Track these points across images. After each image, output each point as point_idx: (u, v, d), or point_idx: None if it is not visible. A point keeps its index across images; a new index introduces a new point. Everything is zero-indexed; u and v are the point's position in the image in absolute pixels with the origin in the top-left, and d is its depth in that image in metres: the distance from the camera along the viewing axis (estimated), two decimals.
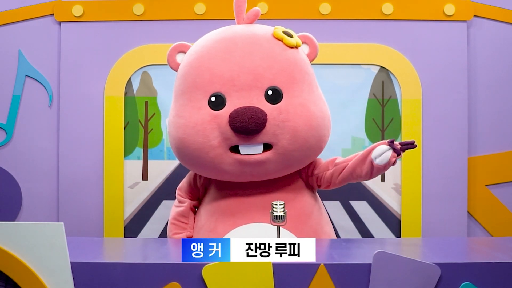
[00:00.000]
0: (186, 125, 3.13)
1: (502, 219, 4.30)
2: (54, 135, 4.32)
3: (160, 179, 4.27)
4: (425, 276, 2.35)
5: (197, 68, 3.17)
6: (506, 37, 4.30)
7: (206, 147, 3.10)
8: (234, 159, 3.11)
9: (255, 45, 3.17)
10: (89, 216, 4.27)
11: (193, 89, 3.15)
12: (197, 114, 3.11)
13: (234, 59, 3.13)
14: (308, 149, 3.19)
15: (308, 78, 3.22)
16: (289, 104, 3.10)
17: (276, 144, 3.10)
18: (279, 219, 2.68)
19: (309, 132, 3.12)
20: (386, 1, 4.25)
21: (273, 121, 3.06)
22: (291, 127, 3.08)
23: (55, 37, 4.33)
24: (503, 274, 2.39)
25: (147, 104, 4.28)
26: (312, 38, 3.34)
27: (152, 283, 2.36)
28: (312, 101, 3.17)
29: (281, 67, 3.14)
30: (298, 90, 3.14)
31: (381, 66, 4.25)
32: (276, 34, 3.22)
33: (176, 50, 3.34)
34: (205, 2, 4.26)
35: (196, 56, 3.21)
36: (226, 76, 3.10)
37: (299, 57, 3.23)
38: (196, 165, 3.26)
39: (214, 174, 3.27)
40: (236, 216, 3.21)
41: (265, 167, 3.15)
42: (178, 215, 3.43)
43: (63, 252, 2.33)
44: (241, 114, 3.01)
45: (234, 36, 3.21)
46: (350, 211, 4.24)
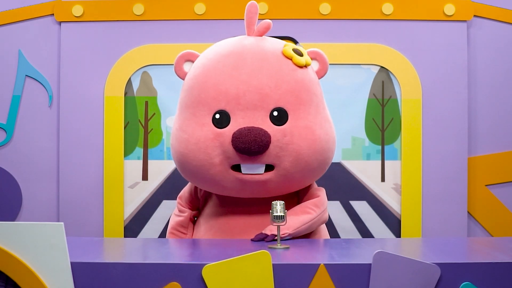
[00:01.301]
0: (188, 140, 3.11)
1: (502, 219, 4.30)
2: (54, 135, 4.32)
3: (160, 179, 4.27)
4: (425, 276, 2.35)
5: (203, 83, 3.13)
6: (506, 37, 4.30)
7: (207, 165, 3.08)
8: (235, 177, 3.10)
9: (264, 62, 3.12)
10: (89, 216, 4.27)
11: (197, 104, 3.12)
12: (201, 130, 3.08)
13: (241, 76, 3.08)
14: (310, 172, 3.17)
15: (316, 99, 3.18)
16: (294, 126, 3.07)
17: (278, 166, 3.08)
18: (279, 219, 2.69)
19: (312, 156, 3.10)
20: (386, 1, 4.25)
21: (277, 143, 3.03)
22: (295, 150, 3.06)
23: (55, 37, 4.32)
24: (503, 274, 2.39)
25: (147, 104, 4.28)
26: (322, 55, 3.29)
27: (152, 283, 2.36)
28: (318, 124, 3.13)
29: (288, 88, 3.09)
30: (305, 112, 3.10)
31: (381, 66, 4.25)
32: (285, 52, 3.16)
33: (184, 58, 3.30)
34: (205, 2, 4.26)
35: (203, 70, 3.17)
36: (231, 94, 3.06)
37: (307, 78, 3.17)
38: (196, 180, 3.25)
39: (215, 190, 3.26)
40: (234, 231, 3.20)
41: (266, 186, 3.13)
42: (177, 225, 3.43)
43: (63, 252, 2.33)
44: (244, 135, 2.98)
45: (243, 52, 3.15)
46: (350, 211, 4.24)
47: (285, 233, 2.99)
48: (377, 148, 4.25)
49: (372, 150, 4.26)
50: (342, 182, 4.23)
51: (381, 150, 4.25)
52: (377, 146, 4.25)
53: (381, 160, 4.25)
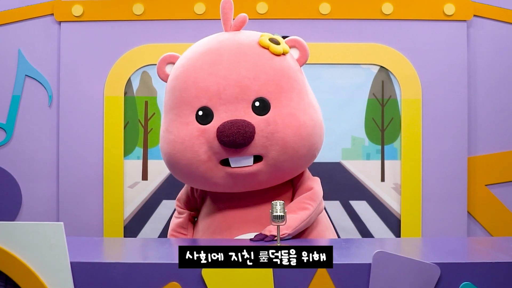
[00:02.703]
0: (175, 141, 3.11)
1: (502, 219, 4.30)
2: (54, 135, 4.32)
3: (160, 178, 4.27)
4: (425, 276, 2.35)
5: (184, 83, 3.14)
6: (506, 36, 4.30)
7: (196, 162, 3.08)
8: (225, 172, 3.09)
9: (241, 55, 3.12)
10: (89, 216, 4.27)
11: (180, 104, 3.13)
12: (185, 129, 3.09)
13: (219, 72, 3.08)
14: (299, 159, 3.15)
15: (297, 86, 3.16)
16: (277, 114, 3.06)
17: (266, 156, 3.07)
18: (279, 219, 2.69)
19: (299, 142, 3.08)
20: (386, 1, 4.25)
21: (262, 133, 3.03)
22: (280, 138, 3.04)
23: (54, 37, 4.32)
24: (503, 274, 2.39)
25: (147, 104, 4.28)
26: (301, 42, 3.27)
27: (151, 283, 2.36)
28: (302, 110, 3.12)
29: (267, 77, 3.09)
30: (287, 100, 3.09)
31: (381, 66, 4.25)
32: (261, 42, 3.16)
33: (165, 61, 3.31)
34: (205, 1, 4.26)
35: (183, 69, 3.18)
36: (212, 90, 3.07)
37: (286, 65, 3.16)
38: (188, 179, 3.25)
39: (207, 187, 3.26)
40: (232, 227, 3.20)
41: (257, 178, 3.12)
42: (177, 227, 3.43)
43: (63, 252, 2.33)
44: (227, 128, 2.98)
45: (220, 47, 3.16)
46: (350, 211, 4.24)
47: (285, 233, 2.98)
48: (377, 148, 4.25)
49: (372, 150, 4.26)
50: (342, 182, 4.23)
51: (381, 150, 4.25)
52: (377, 146, 4.25)
53: (381, 160, 4.25)
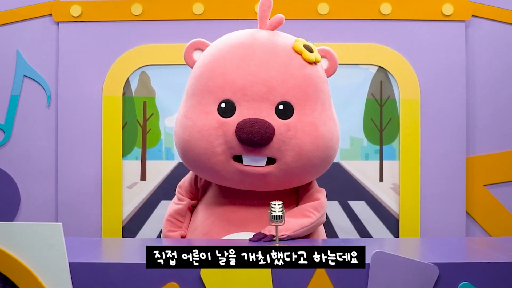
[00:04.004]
0: (192, 127, 3.10)
1: (501, 219, 4.30)
2: (52, 135, 4.32)
3: (159, 179, 4.27)
4: (424, 276, 2.35)
5: (211, 72, 3.12)
6: (504, 37, 4.30)
7: (209, 153, 3.08)
8: (236, 168, 3.09)
9: (273, 55, 3.11)
10: (87, 216, 4.26)
11: (204, 92, 3.12)
12: (205, 118, 3.08)
13: (249, 68, 3.07)
14: (312, 168, 3.16)
15: (322, 96, 3.17)
16: (299, 121, 3.06)
17: (280, 160, 3.07)
18: (277, 219, 2.68)
19: (314, 152, 3.08)
20: (384, 1, 4.25)
21: (280, 137, 3.02)
22: (297, 145, 3.05)
23: (53, 37, 4.32)
24: (502, 274, 2.39)
25: (145, 104, 4.28)
26: (332, 53, 3.28)
27: (150, 283, 2.36)
28: (323, 121, 3.12)
29: (296, 83, 3.08)
30: (310, 108, 3.09)
31: (379, 66, 4.25)
32: (296, 47, 3.15)
33: (193, 47, 3.29)
34: (203, 2, 4.25)
35: (212, 58, 3.17)
36: (238, 84, 3.05)
37: (316, 74, 3.16)
38: (197, 168, 3.25)
39: (215, 179, 3.26)
40: (231, 223, 3.19)
41: (266, 180, 3.12)
42: (175, 213, 3.42)
43: (61, 253, 2.33)
44: (248, 126, 2.97)
45: (253, 44, 3.15)
46: (349, 211, 4.24)
47: (284, 234, 2.98)
48: (375, 148, 4.25)
49: (370, 150, 4.26)
50: (341, 182, 4.23)
51: (379, 150, 4.25)
52: (376, 146, 4.25)
53: (380, 160, 4.25)
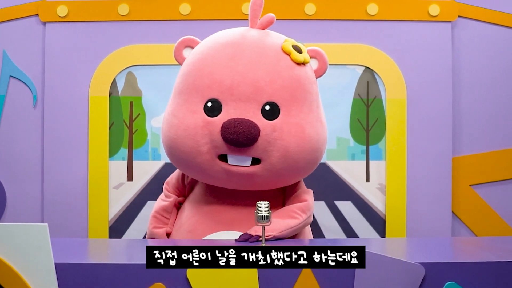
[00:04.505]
0: (178, 126, 3.11)
1: (487, 218, 4.31)
2: (39, 136, 4.30)
3: (145, 179, 4.26)
4: (410, 276, 2.36)
5: (199, 70, 3.13)
6: (490, 37, 4.31)
7: (195, 152, 3.08)
8: (221, 167, 3.10)
9: (262, 55, 3.11)
10: (74, 217, 4.25)
11: (191, 91, 3.12)
12: (191, 117, 3.08)
13: (237, 67, 3.08)
14: (297, 169, 3.17)
15: (310, 98, 3.17)
16: (285, 122, 3.07)
17: (265, 160, 3.07)
18: (263, 219, 2.69)
19: (300, 154, 3.09)
20: (371, 2, 4.26)
21: (266, 137, 3.03)
22: (283, 146, 3.05)
23: (39, 38, 4.30)
24: (487, 273, 2.40)
25: (132, 105, 4.27)
26: (322, 54, 3.28)
27: (136, 284, 2.36)
28: (309, 122, 3.13)
29: (283, 84, 3.09)
30: (297, 110, 3.10)
31: (366, 67, 4.25)
32: (284, 48, 3.16)
33: (184, 44, 3.30)
34: (190, 2, 4.25)
35: (201, 57, 3.17)
36: (226, 84, 3.06)
37: (304, 75, 3.17)
38: (184, 167, 3.25)
39: (202, 178, 3.27)
40: (217, 221, 3.20)
41: (252, 180, 3.13)
42: (161, 209, 3.43)
43: (48, 253, 2.33)
44: (233, 126, 2.98)
45: (242, 43, 3.15)
46: (335, 211, 4.25)
47: (270, 235, 2.98)
48: (362, 148, 4.26)
49: (357, 150, 4.26)
50: (327, 182, 4.23)
51: (366, 150, 4.26)
52: (362, 146, 4.26)
53: (366, 160, 4.26)
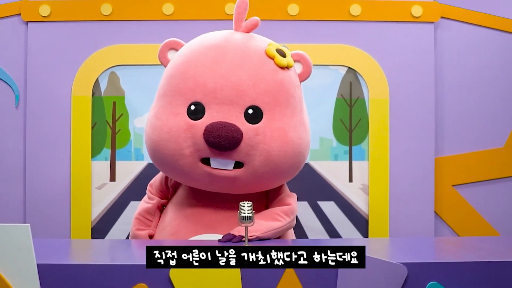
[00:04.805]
0: (161, 128, 3.10)
1: (469, 219, 4.33)
2: (21, 136, 4.28)
3: (128, 180, 4.25)
4: (392, 276, 2.36)
5: (183, 73, 3.12)
6: (472, 38, 4.33)
7: (177, 155, 3.07)
8: (204, 170, 3.09)
9: (245, 59, 3.10)
10: (56, 218, 4.23)
11: (175, 94, 3.11)
12: (174, 120, 3.07)
13: (220, 70, 3.07)
14: (280, 173, 3.16)
15: (293, 102, 3.16)
16: (268, 126, 3.06)
17: (247, 164, 3.07)
18: (246, 220, 2.68)
19: (282, 158, 3.08)
20: (354, 3, 4.27)
21: (248, 141, 3.02)
22: (265, 150, 3.05)
23: (22, 37, 4.29)
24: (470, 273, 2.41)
25: (115, 105, 4.26)
26: (307, 58, 3.27)
27: (119, 284, 2.35)
28: (292, 127, 3.12)
29: (266, 88, 3.08)
30: (280, 114, 3.09)
31: (349, 67, 4.26)
32: (268, 52, 3.15)
33: (168, 46, 3.29)
34: (173, 2, 4.25)
35: (184, 60, 3.16)
36: (209, 87, 3.05)
37: (287, 79, 3.16)
38: (166, 169, 3.25)
39: (184, 181, 3.26)
40: (200, 224, 3.19)
41: (235, 183, 3.12)
42: (144, 212, 3.42)
43: (30, 254, 2.31)
44: (216, 129, 2.97)
45: (226, 46, 3.14)
46: (318, 212, 4.25)
47: (253, 235, 2.98)
48: (345, 148, 4.27)
49: (340, 150, 4.27)
50: (310, 182, 4.23)
51: (348, 151, 4.27)
52: (345, 147, 4.27)
53: (349, 160, 4.27)
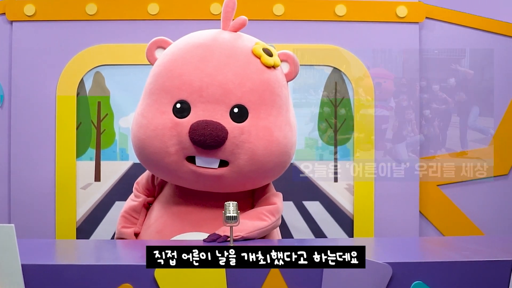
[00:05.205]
0: (147, 126, 3.10)
1: (453, 218, 4.35)
2: (6, 136, 4.26)
3: (113, 180, 4.24)
4: (377, 276, 2.37)
5: (169, 71, 3.13)
6: (457, 38, 4.34)
7: (163, 153, 3.08)
8: (189, 169, 3.09)
9: (231, 58, 3.11)
10: (41, 218, 4.22)
11: (161, 92, 3.12)
12: (160, 118, 3.08)
13: (207, 69, 3.08)
14: (265, 172, 3.17)
15: (279, 101, 3.17)
16: (253, 125, 3.07)
17: (232, 162, 3.07)
18: (232, 220, 2.68)
19: (268, 157, 3.09)
20: (339, 3, 4.27)
21: (233, 140, 3.03)
22: (250, 149, 3.05)
23: (6, 37, 4.27)
24: (454, 272, 2.42)
25: (100, 105, 4.25)
26: (293, 57, 3.29)
27: (104, 284, 2.35)
28: (278, 126, 3.12)
29: (252, 87, 3.09)
30: (265, 113, 3.10)
31: (334, 67, 4.27)
32: (255, 51, 3.16)
33: (156, 45, 3.29)
34: (159, 2, 4.24)
35: (171, 58, 3.17)
36: (195, 85, 3.06)
37: (274, 79, 3.16)
38: (152, 167, 3.25)
39: (170, 179, 3.26)
40: (184, 222, 3.20)
41: (220, 181, 3.12)
42: (130, 209, 3.42)
43: (14, 254, 2.31)
44: (201, 127, 2.98)
45: (213, 45, 3.15)
46: (303, 212, 4.26)
47: (238, 235, 2.98)
48: (330, 148, 4.27)
49: (325, 150, 4.28)
50: (295, 182, 4.24)
51: (334, 151, 4.27)
52: (330, 147, 4.27)
53: (334, 160, 4.28)
